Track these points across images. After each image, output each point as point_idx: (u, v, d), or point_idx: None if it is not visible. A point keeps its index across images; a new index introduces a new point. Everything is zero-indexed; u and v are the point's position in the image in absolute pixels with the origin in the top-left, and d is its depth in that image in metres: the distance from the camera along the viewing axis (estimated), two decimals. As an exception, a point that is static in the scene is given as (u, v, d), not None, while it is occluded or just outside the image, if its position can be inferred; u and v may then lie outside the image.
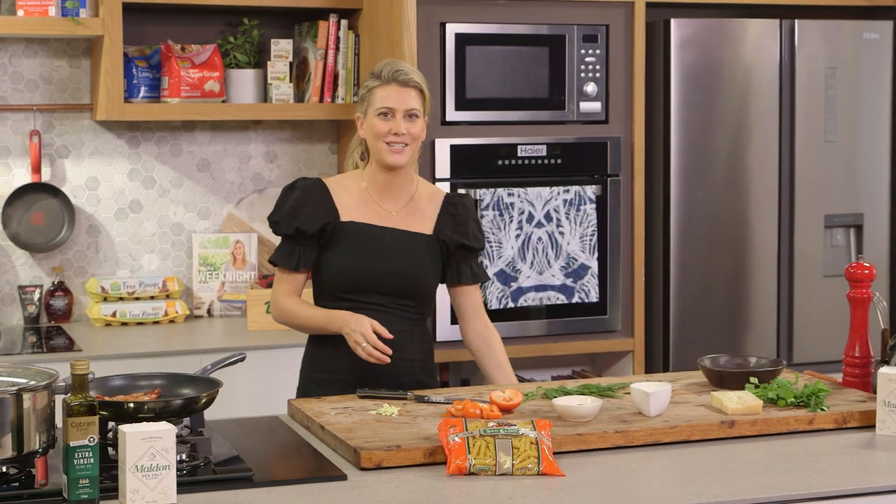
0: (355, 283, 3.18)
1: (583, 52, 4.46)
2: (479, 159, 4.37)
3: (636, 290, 4.59)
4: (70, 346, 4.09)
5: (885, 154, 4.83)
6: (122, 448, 2.27)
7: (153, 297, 4.51)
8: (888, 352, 3.08)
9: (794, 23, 4.68)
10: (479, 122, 4.38)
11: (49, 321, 4.51)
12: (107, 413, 2.52)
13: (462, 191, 4.27)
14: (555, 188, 4.41)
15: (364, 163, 3.29)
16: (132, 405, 2.52)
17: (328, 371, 3.22)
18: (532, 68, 4.42)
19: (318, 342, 3.26)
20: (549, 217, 4.40)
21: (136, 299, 4.49)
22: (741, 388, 2.99)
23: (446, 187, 4.28)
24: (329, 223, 3.19)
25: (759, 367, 3.12)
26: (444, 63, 4.31)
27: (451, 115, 4.33)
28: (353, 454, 2.55)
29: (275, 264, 3.26)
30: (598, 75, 4.49)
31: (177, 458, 2.34)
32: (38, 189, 4.49)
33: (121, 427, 2.29)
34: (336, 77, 4.58)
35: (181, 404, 2.58)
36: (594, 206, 4.46)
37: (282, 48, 4.61)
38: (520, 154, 4.41)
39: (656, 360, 4.66)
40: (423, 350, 3.28)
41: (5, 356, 3.92)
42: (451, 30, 4.30)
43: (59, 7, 4.24)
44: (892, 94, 4.83)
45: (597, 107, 4.50)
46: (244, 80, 4.56)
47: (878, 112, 4.81)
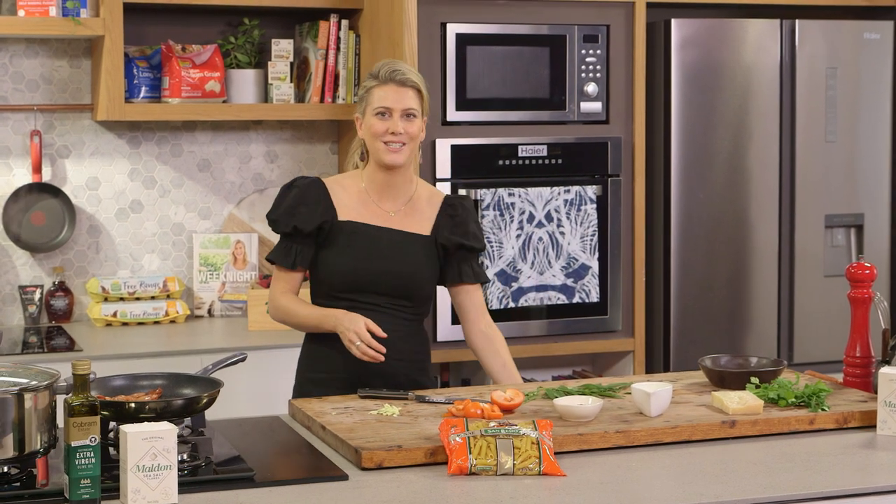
0: (352, 283, 3.19)
1: (583, 52, 4.46)
2: (480, 159, 4.37)
3: (637, 291, 4.59)
4: (71, 347, 4.09)
5: (885, 154, 4.83)
6: (123, 448, 2.27)
7: (154, 298, 4.51)
8: (889, 352, 3.09)
9: (795, 23, 4.68)
10: (479, 123, 4.38)
11: (50, 321, 4.51)
12: (108, 413, 2.52)
13: (463, 191, 4.28)
14: (555, 188, 4.41)
15: (364, 163, 3.29)
16: (133, 405, 2.52)
17: (324, 370, 3.22)
18: (533, 68, 4.42)
19: (313, 341, 3.27)
20: (549, 217, 4.40)
21: (137, 299, 4.49)
22: (742, 389, 2.99)
23: (447, 187, 4.29)
24: (326, 222, 3.19)
25: (760, 368, 3.12)
26: (444, 63, 4.31)
27: (452, 115, 4.33)
28: (355, 454, 2.55)
29: (272, 262, 3.26)
30: (598, 75, 4.49)
31: (178, 458, 2.34)
32: (38, 189, 4.49)
33: (122, 427, 2.29)
34: (337, 77, 4.58)
35: (182, 404, 2.58)
36: (595, 206, 4.46)
37: (282, 48, 4.61)
38: (520, 154, 4.41)
39: (657, 361, 4.66)
40: (419, 350, 3.28)
41: (6, 356, 3.92)
42: (452, 30, 4.31)
43: (60, 7, 4.24)
44: (892, 94, 4.83)
45: (597, 107, 4.50)
46: (245, 81, 4.56)
47: (879, 112, 4.81)
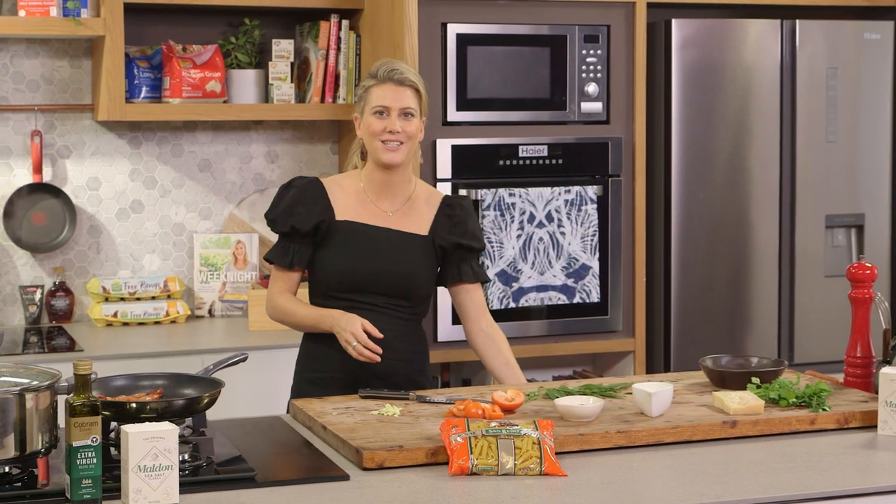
0: (349, 283, 3.19)
1: (584, 52, 4.46)
2: (481, 160, 4.37)
3: (637, 291, 4.59)
4: (71, 347, 4.09)
5: (886, 154, 4.83)
6: (124, 448, 2.27)
7: (154, 298, 4.51)
8: (890, 352, 3.08)
9: (795, 23, 4.68)
10: (480, 123, 4.38)
11: (50, 321, 4.51)
12: (109, 413, 2.52)
13: (463, 191, 4.28)
14: (556, 188, 4.41)
15: (362, 163, 3.30)
16: (134, 405, 2.52)
17: (321, 370, 3.22)
18: (533, 69, 4.42)
19: (311, 341, 3.27)
20: (550, 217, 4.40)
21: (138, 299, 4.49)
22: (743, 389, 2.99)
23: (447, 187, 4.29)
24: (323, 222, 3.19)
25: (761, 368, 3.12)
26: (445, 63, 4.31)
27: (453, 115, 4.33)
28: (356, 454, 2.55)
29: (270, 262, 3.27)
30: (599, 76, 4.49)
31: (179, 459, 2.34)
32: (39, 189, 4.49)
33: (123, 427, 2.30)
34: (337, 77, 4.58)
35: (183, 404, 2.58)
36: (595, 206, 4.46)
37: (283, 48, 4.61)
38: (521, 154, 4.41)
39: (657, 361, 4.66)
40: (417, 350, 3.28)
41: (7, 356, 3.92)
42: (453, 30, 4.31)
43: (61, 7, 4.24)
44: (892, 94, 4.83)
45: (598, 107, 4.50)
46: (245, 81, 4.56)
47: (879, 112, 4.81)
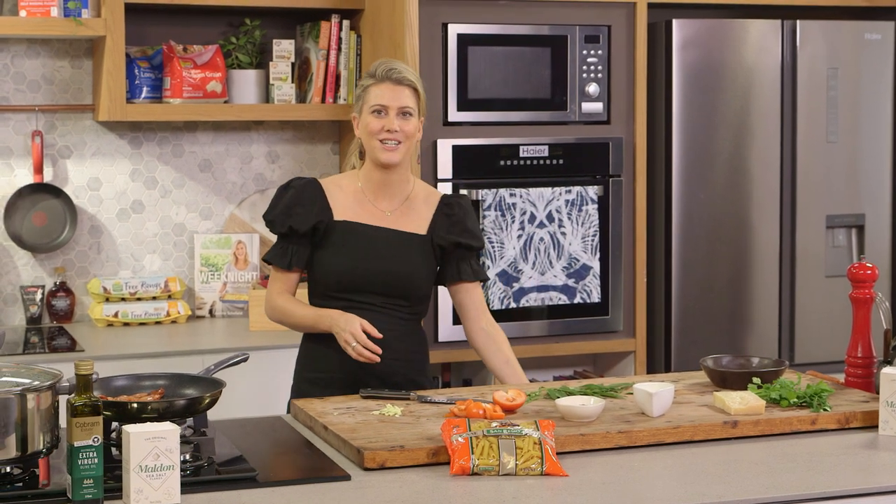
0: (348, 283, 3.19)
1: (584, 52, 4.46)
2: (481, 160, 4.37)
3: (638, 291, 4.59)
4: (72, 347, 4.09)
5: (886, 154, 4.83)
6: (126, 448, 2.27)
7: (155, 298, 4.51)
8: (891, 352, 3.08)
9: (796, 23, 4.68)
10: (480, 123, 4.38)
11: (51, 321, 4.51)
12: (110, 413, 2.52)
13: (464, 191, 4.27)
14: (557, 189, 4.41)
15: (361, 162, 3.30)
16: (136, 405, 2.52)
17: (321, 370, 3.22)
18: (534, 69, 4.42)
19: (311, 341, 3.27)
20: (550, 217, 4.40)
21: (138, 300, 4.49)
22: (744, 389, 2.99)
23: (448, 188, 4.29)
24: (321, 222, 3.20)
25: (762, 368, 3.12)
26: (446, 64, 4.31)
27: (453, 115, 4.33)
28: (357, 454, 2.55)
29: (268, 263, 3.27)
30: (599, 76, 4.49)
31: (180, 459, 2.34)
32: (40, 189, 4.49)
33: (125, 427, 2.30)
34: (338, 77, 4.58)
35: (185, 405, 2.58)
36: (596, 206, 4.46)
37: (284, 48, 4.61)
38: (522, 154, 4.41)
39: (658, 361, 4.66)
40: (417, 350, 3.28)
41: (7, 356, 3.92)
42: (453, 30, 4.30)
43: (62, 8, 4.24)
44: (893, 94, 4.83)
45: (598, 107, 4.50)
46: (246, 81, 4.56)
47: (880, 112, 4.81)
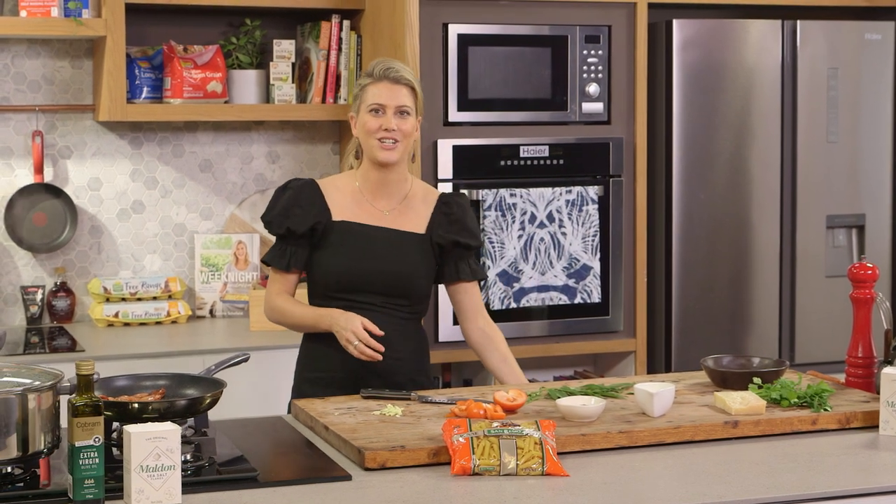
0: (347, 283, 3.19)
1: (585, 52, 4.46)
2: (482, 160, 4.37)
3: (638, 291, 4.59)
4: (73, 347, 4.09)
5: (886, 154, 4.83)
6: (127, 448, 2.27)
7: (155, 298, 4.51)
8: (891, 352, 3.08)
9: (796, 23, 4.68)
10: (481, 123, 4.38)
11: (51, 322, 4.51)
12: (111, 413, 2.52)
13: (465, 191, 4.27)
14: (557, 189, 4.41)
15: (358, 162, 3.30)
16: (137, 405, 2.53)
17: (321, 370, 3.22)
18: (534, 69, 4.42)
19: (311, 341, 3.27)
20: (551, 218, 4.40)
21: (139, 300, 4.49)
22: (744, 389, 2.99)
23: (448, 188, 4.28)
24: (320, 223, 3.20)
25: (763, 368, 3.12)
26: (446, 64, 4.31)
27: (454, 115, 4.33)
28: (358, 454, 2.55)
29: (267, 264, 3.27)
30: (600, 76, 4.49)
31: (181, 459, 2.34)
32: (40, 190, 4.49)
33: (126, 427, 2.30)
34: (338, 78, 4.58)
35: (185, 405, 2.58)
36: (596, 206, 4.46)
37: (284, 49, 4.61)
38: (522, 155, 4.41)
39: (658, 361, 4.66)
40: (417, 349, 3.28)
41: (8, 357, 3.92)
42: (454, 30, 4.30)
43: (62, 8, 4.24)
44: (893, 94, 4.82)
45: (599, 107, 4.50)
46: (246, 81, 4.56)
47: (880, 112, 4.81)
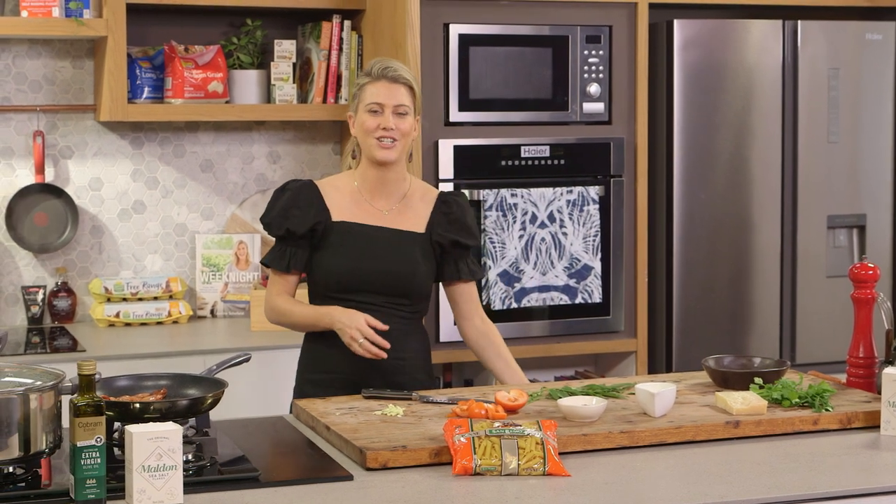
0: (348, 283, 3.19)
1: (586, 52, 4.46)
2: (483, 160, 4.37)
3: (639, 291, 4.59)
4: (74, 347, 4.09)
5: (887, 154, 4.83)
6: (128, 448, 2.27)
7: (156, 298, 4.51)
8: (892, 352, 3.09)
9: (797, 24, 4.68)
10: (482, 123, 4.38)
11: (52, 322, 4.51)
12: (113, 413, 2.52)
13: (465, 191, 4.27)
14: (558, 189, 4.41)
15: (356, 161, 3.30)
16: (138, 405, 2.53)
17: (323, 371, 3.22)
18: (535, 69, 4.42)
19: (313, 341, 3.27)
20: (552, 218, 4.40)
21: (140, 300, 4.49)
22: (746, 389, 2.99)
23: (449, 188, 4.28)
24: (319, 223, 3.20)
25: (764, 368, 3.12)
26: (447, 64, 4.31)
27: (455, 115, 4.33)
28: (359, 454, 2.55)
29: (267, 265, 3.27)
30: (601, 76, 4.49)
31: (183, 459, 2.34)
32: (41, 190, 4.49)
33: (127, 427, 2.30)
34: (339, 78, 4.58)
35: (187, 405, 2.58)
36: (597, 206, 4.46)
37: (285, 49, 4.61)
38: (523, 155, 4.41)
39: (659, 361, 4.66)
40: (419, 349, 3.28)
41: (9, 357, 3.92)
42: (455, 30, 4.30)
43: (63, 8, 4.24)
44: (894, 94, 4.82)
45: (600, 107, 4.50)
46: (247, 81, 4.56)
47: (881, 113, 4.81)
